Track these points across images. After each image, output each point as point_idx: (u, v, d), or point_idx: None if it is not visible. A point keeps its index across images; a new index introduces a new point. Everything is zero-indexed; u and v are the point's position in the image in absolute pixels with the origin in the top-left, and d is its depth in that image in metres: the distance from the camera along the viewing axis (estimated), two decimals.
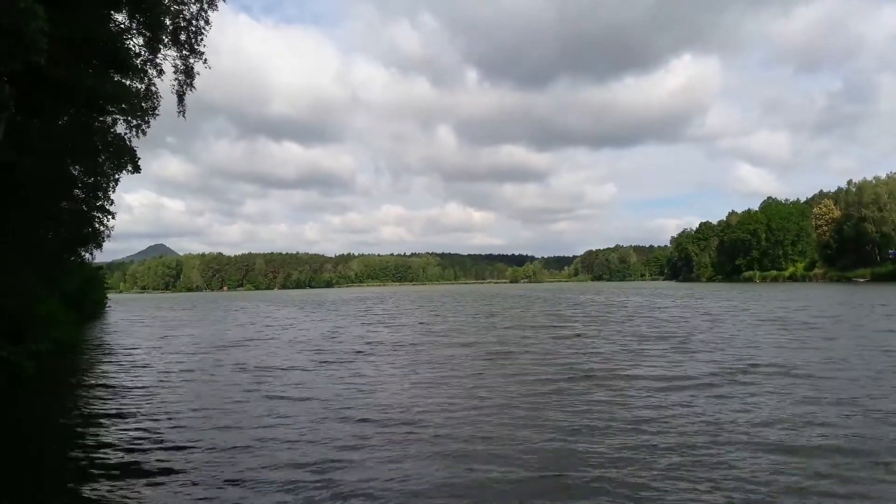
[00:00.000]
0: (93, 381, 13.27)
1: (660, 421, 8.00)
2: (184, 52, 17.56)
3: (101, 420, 9.28)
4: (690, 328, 21.10)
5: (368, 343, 19.08)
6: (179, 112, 18.60)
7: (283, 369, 14.15)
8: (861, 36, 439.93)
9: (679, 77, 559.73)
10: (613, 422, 8.02)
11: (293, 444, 7.39)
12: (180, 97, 18.22)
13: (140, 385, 12.29)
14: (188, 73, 17.92)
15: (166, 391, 11.53)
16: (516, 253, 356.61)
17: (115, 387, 12.24)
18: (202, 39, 17.53)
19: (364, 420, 8.52)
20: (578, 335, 19.55)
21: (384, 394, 10.57)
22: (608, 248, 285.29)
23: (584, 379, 11.33)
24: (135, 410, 9.80)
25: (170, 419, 9.07)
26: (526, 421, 8.21)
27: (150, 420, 9.08)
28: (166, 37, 17.61)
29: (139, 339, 23.99)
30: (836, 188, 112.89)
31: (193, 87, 18.19)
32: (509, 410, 8.88)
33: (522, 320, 27.81)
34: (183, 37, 17.48)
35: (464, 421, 8.28)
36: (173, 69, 17.90)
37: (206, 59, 17.78)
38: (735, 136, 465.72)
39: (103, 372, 14.63)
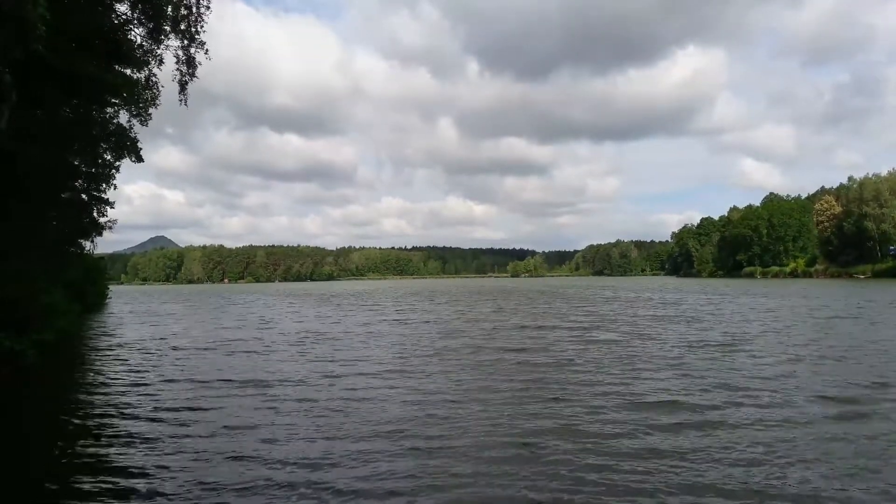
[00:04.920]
0: (93, 372, 13.35)
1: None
2: (185, 41, 17.48)
3: (100, 411, 9.35)
4: (756, 329, 18.59)
5: (387, 347, 16.15)
6: (181, 101, 18.53)
7: (288, 369, 14.19)
8: (871, 27, 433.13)
9: (683, 69, 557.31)
10: None
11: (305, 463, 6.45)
12: (182, 86, 18.15)
13: (137, 376, 12.36)
14: (190, 63, 17.85)
15: (163, 383, 11.59)
16: (517, 247, 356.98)
17: (113, 378, 12.31)
18: (203, 27, 17.44)
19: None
20: (637, 338, 16.74)
21: (424, 412, 8.37)
22: (609, 243, 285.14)
23: (686, 411, 8.24)
24: (132, 403, 9.88)
25: (167, 412, 9.14)
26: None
27: (147, 412, 9.16)
28: (167, 26, 17.52)
29: (139, 331, 24.07)
30: (838, 184, 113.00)
31: (195, 77, 18.12)
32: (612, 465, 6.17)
33: (556, 319, 24.33)
34: (184, 25, 17.38)
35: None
36: (175, 59, 17.84)
37: (206, 50, 17.71)
38: (740, 130, 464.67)
39: (103, 363, 14.70)
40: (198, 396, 10.06)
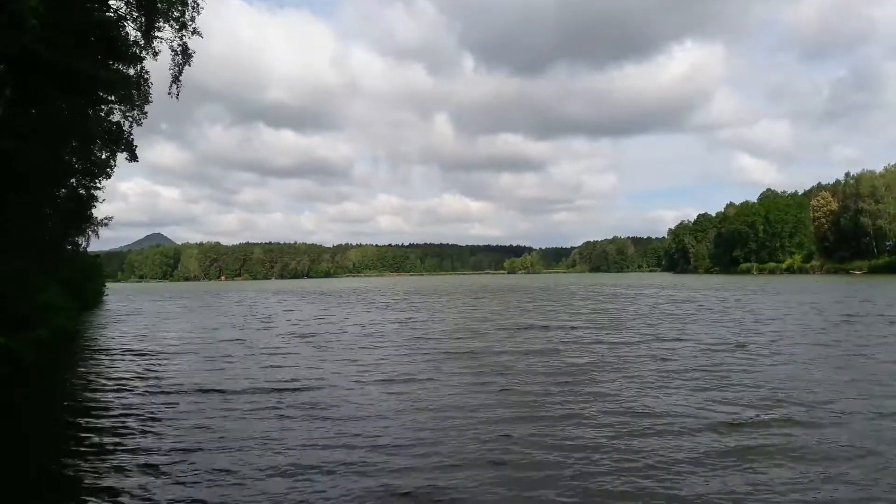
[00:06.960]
0: (90, 371, 13.27)
1: None
2: (179, 28, 17.38)
3: (98, 410, 9.30)
4: (761, 329, 17.75)
5: (385, 349, 15.18)
6: (171, 94, 18.36)
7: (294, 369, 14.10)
8: (871, 21, 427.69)
9: (681, 64, 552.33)
10: None
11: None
12: (176, 77, 17.98)
13: (134, 375, 12.29)
14: (184, 52, 17.73)
15: (158, 383, 11.49)
16: (513, 244, 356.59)
17: (110, 377, 12.25)
18: (196, 15, 17.31)
19: None
20: (647, 340, 15.89)
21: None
22: (606, 240, 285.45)
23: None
24: (130, 402, 9.81)
25: (164, 412, 9.08)
26: None
27: (145, 412, 9.09)
28: (161, 17, 17.39)
29: (137, 329, 23.95)
30: (834, 180, 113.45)
31: (189, 65, 18.00)
32: None
33: (555, 319, 22.86)
34: (177, 13, 17.27)
35: None
36: (170, 49, 17.74)
37: (200, 34, 17.62)
38: (738, 126, 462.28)
39: (101, 362, 14.62)
40: (191, 397, 9.95)
